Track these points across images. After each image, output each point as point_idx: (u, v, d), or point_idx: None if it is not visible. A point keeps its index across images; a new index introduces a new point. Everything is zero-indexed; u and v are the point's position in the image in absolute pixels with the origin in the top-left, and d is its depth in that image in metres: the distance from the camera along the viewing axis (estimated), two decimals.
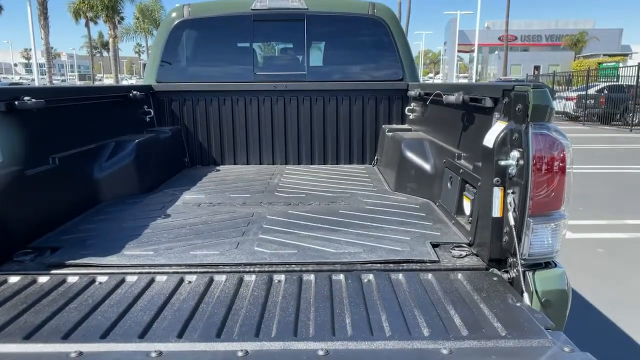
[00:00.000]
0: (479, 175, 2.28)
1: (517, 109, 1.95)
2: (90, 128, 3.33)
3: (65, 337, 1.56)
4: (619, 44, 56.60)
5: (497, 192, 2.01)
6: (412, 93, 4.13)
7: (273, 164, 4.60)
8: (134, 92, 3.98)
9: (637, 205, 7.46)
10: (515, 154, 1.94)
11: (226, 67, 4.55)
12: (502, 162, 1.98)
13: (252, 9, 4.43)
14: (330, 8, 4.51)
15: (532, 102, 1.87)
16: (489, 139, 2.08)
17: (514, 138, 1.96)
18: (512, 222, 1.95)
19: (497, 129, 2.07)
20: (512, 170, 1.96)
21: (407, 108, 4.37)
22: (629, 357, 3.41)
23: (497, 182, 2.02)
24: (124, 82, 46.29)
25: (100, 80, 65.82)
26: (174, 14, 4.54)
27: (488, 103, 2.30)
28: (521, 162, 1.91)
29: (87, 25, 56.33)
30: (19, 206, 2.33)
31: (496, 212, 2.02)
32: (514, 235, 1.93)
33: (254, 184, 3.79)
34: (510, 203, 1.97)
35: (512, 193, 1.97)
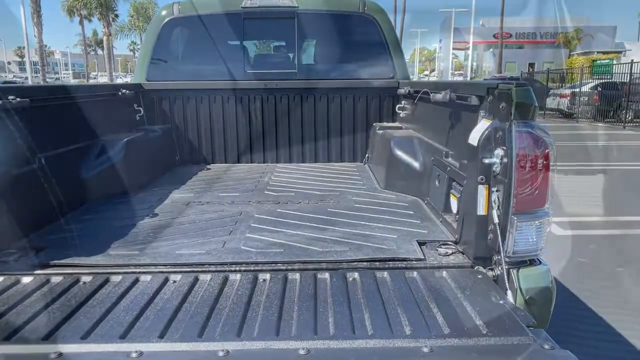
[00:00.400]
0: (464, 173, 2.28)
1: (500, 107, 1.96)
2: (79, 127, 3.31)
3: (46, 338, 1.55)
4: (613, 42, 56.73)
5: (482, 190, 2.02)
6: (402, 91, 4.13)
7: (264, 163, 4.59)
8: (124, 91, 3.96)
9: (630, 202, 7.50)
10: (499, 152, 1.95)
11: (217, 66, 4.53)
12: (487, 160, 1.99)
13: (242, 7, 4.41)
14: (320, 6, 4.49)
15: (515, 100, 1.88)
16: (474, 137, 2.08)
17: (498, 136, 1.96)
18: (496, 220, 1.95)
19: (481, 127, 2.07)
20: (497, 168, 1.97)
21: (397, 106, 4.37)
22: (615, 354, 3.42)
23: (482, 180, 2.02)
24: (119, 80, 46.07)
25: (94, 78, 65.37)
26: (164, 12, 4.51)
27: (474, 101, 2.30)
28: (505, 160, 1.92)
29: (81, 23, 56.03)
30: (4, 206, 2.32)
31: (481, 210, 2.03)
32: (499, 233, 1.93)
33: (244, 182, 3.78)
34: (494, 201, 1.98)
35: (497, 191, 1.98)
